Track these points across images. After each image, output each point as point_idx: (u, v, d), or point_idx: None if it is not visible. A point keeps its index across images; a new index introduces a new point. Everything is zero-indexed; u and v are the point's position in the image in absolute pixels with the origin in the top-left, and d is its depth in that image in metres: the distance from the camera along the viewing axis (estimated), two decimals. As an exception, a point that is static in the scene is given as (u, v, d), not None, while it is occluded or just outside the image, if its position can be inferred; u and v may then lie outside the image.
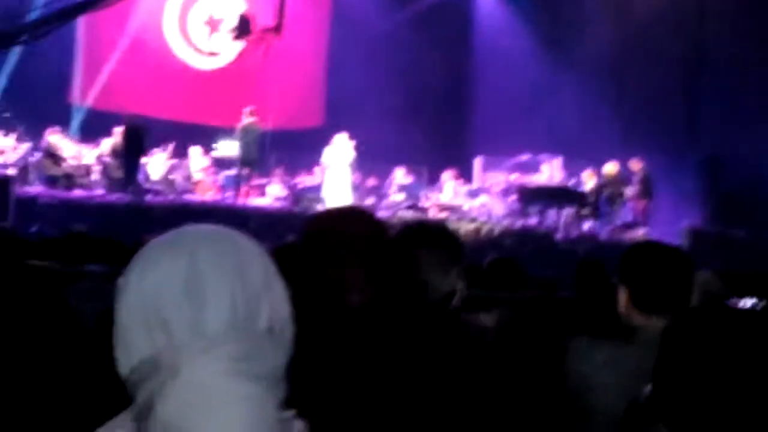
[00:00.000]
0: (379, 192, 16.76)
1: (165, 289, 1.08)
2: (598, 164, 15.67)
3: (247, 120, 14.91)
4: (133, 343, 1.08)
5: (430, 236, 2.39)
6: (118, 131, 14.26)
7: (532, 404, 2.31)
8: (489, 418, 2.06)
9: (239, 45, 17.01)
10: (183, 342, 1.06)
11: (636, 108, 16.61)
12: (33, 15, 12.25)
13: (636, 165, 15.37)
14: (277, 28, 13.92)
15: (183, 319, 1.07)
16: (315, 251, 1.99)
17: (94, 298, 3.43)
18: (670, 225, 14.91)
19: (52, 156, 14.09)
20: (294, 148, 16.74)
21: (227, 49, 18.00)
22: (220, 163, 16.15)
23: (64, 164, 14.23)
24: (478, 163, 17.76)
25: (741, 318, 1.41)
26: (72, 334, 2.98)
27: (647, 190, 15.41)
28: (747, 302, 2.38)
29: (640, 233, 14.71)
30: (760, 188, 14.56)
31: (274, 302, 1.13)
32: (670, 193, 15.68)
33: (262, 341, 1.09)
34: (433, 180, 17.17)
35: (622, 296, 2.39)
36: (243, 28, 13.78)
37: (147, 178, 14.96)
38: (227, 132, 15.58)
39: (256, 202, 14.97)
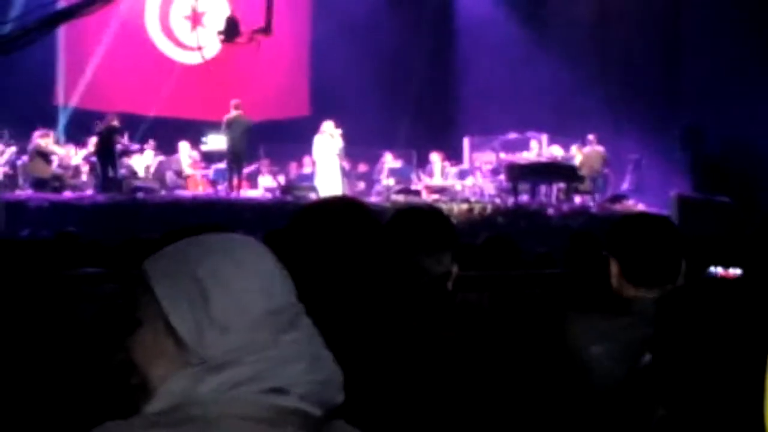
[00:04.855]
0: (370, 177, 16.77)
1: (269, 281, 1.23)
2: (584, 139, 15.78)
3: (233, 112, 14.86)
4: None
5: (423, 220, 2.40)
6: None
7: (532, 381, 2.34)
8: (489, 395, 2.08)
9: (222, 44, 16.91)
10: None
11: (620, 81, 16.64)
12: (9, 26, 12.11)
13: (589, 140, 15.76)
14: (267, 29, 13.80)
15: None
16: (308, 243, 2.01)
17: (89, 301, 3.44)
18: (659, 194, 14.99)
19: (42, 157, 14.02)
20: (282, 139, 16.72)
21: (210, 43, 17.92)
22: (210, 157, 16.11)
23: (52, 166, 14.18)
24: (466, 143, 17.77)
25: (734, 291, 1.43)
26: (69, 338, 2.99)
27: (588, 167, 15.63)
28: (730, 271, 2.40)
29: (630, 204, 14.81)
30: (741, 154, 14.66)
31: None
32: (657, 164, 15.77)
33: None
34: (423, 163, 17.19)
35: (613, 269, 2.40)
36: (231, 31, 13.63)
37: (136, 176, 14.94)
38: (215, 126, 15.52)
39: (248, 194, 14.95)
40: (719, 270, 2.45)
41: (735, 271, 2.40)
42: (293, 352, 1.18)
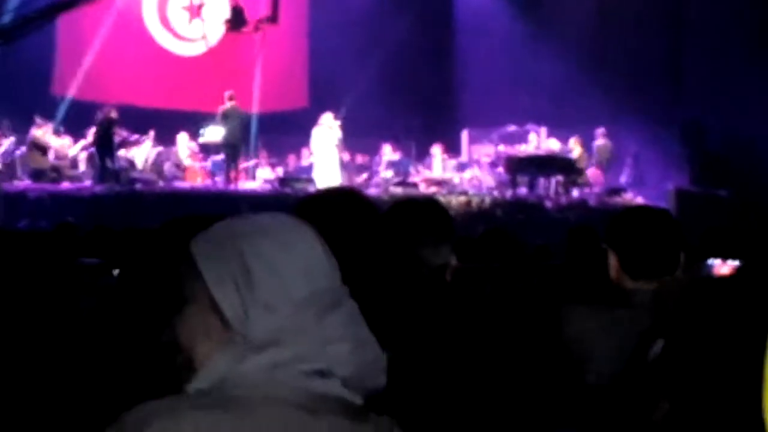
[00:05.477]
0: (369, 169, 16.76)
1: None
2: (583, 132, 15.80)
3: (227, 104, 14.83)
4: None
5: (421, 211, 2.40)
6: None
7: (531, 371, 2.34)
8: (488, 386, 2.08)
9: (222, 30, 16.85)
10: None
11: (619, 74, 16.63)
12: (8, 17, 12.08)
13: (599, 134, 15.87)
14: (273, 18, 13.74)
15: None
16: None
17: (89, 292, 3.43)
18: (658, 188, 15.01)
19: (38, 149, 14.00)
20: (280, 130, 16.70)
21: (209, 35, 17.88)
22: (208, 149, 16.08)
23: (50, 157, 14.15)
24: (465, 136, 17.76)
25: (738, 286, 1.43)
26: (68, 329, 2.99)
27: (603, 159, 15.89)
28: (730, 264, 2.41)
29: (629, 198, 14.83)
30: (741, 148, 14.68)
31: None
32: (656, 157, 15.78)
33: None
34: (421, 155, 17.17)
35: (612, 261, 2.41)
36: (238, 20, 13.57)
37: (134, 167, 14.91)
38: (213, 117, 15.50)
39: (247, 186, 14.94)
40: (717, 261, 2.46)
41: (733, 263, 2.41)
42: (337, 334, 1.19)
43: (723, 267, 2.44)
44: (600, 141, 15.96)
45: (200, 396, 1.14)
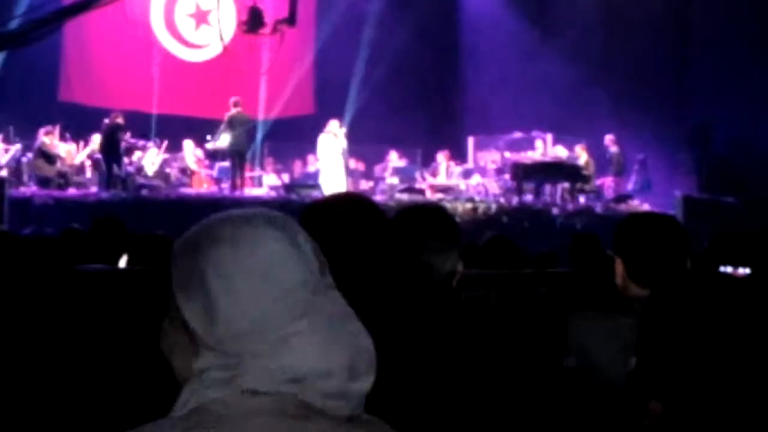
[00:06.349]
0: (374, 176, 16.77)
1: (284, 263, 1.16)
2: (590, 138, 15.78)
3: (233, 111, 14.85)
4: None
5: (427, 218, 2.40)
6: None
7: (536, 378, 2.34)
8: (495, 391, 2.08)
9: (232, 34, 16.83)
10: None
11: (625, 80, 16.63)
12: (15, 23, 12.12)
13: (610, 142, 15.86)
14: (291, 20, 13.62)
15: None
16: (317, 240, 2.00)
17: (98, 297, 3.44)
18: (665, 194, 14.99)
19: (45, 156, 14.02)
20: (286, 137, 16.72)
21: (216, 40, 17.89)
22: (214, 155, 16.11)
23: (57, 164, 14.17)
24: (471, 142, 17.77)
25: (724, 285, 1.43)
26: (76, 336, 2.99)
27: (619, 166, 15.91)
28: (739, 271, 2.40)
29: (635, 204, 14.81)
30: (748, 155, 14.67)
31: None
32: (663, 164, 15.77)
33: None
34: (428, 162, 17.19)
35: (619, 268, 2.40)
36: (256, 21, 13.45)
37: (141, 173, 14.93)
38: (219, 124, 15.53)
39: (253, 192, 14.95)
40: (728, 269, 2.44)
41: (744, 271, 2.40)
42: (311, 338, 1.13)
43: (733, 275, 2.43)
44: (614, 148, 15.95)
45: (187, 418, 1.11)
